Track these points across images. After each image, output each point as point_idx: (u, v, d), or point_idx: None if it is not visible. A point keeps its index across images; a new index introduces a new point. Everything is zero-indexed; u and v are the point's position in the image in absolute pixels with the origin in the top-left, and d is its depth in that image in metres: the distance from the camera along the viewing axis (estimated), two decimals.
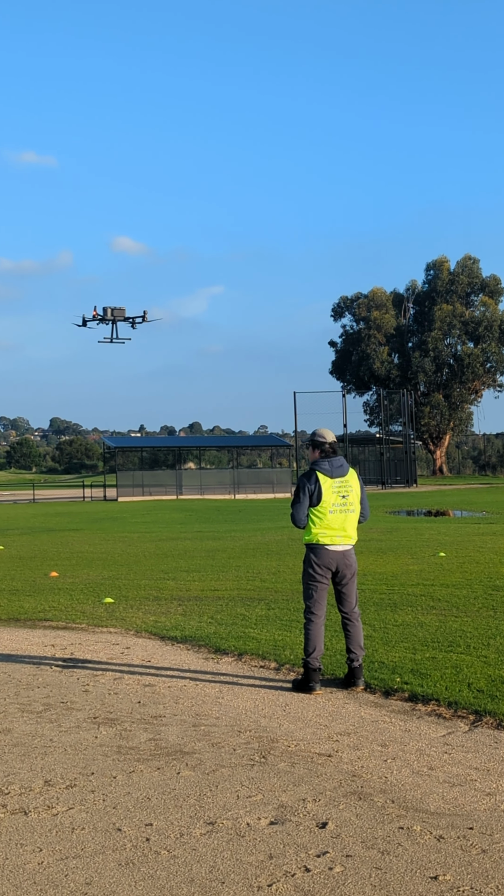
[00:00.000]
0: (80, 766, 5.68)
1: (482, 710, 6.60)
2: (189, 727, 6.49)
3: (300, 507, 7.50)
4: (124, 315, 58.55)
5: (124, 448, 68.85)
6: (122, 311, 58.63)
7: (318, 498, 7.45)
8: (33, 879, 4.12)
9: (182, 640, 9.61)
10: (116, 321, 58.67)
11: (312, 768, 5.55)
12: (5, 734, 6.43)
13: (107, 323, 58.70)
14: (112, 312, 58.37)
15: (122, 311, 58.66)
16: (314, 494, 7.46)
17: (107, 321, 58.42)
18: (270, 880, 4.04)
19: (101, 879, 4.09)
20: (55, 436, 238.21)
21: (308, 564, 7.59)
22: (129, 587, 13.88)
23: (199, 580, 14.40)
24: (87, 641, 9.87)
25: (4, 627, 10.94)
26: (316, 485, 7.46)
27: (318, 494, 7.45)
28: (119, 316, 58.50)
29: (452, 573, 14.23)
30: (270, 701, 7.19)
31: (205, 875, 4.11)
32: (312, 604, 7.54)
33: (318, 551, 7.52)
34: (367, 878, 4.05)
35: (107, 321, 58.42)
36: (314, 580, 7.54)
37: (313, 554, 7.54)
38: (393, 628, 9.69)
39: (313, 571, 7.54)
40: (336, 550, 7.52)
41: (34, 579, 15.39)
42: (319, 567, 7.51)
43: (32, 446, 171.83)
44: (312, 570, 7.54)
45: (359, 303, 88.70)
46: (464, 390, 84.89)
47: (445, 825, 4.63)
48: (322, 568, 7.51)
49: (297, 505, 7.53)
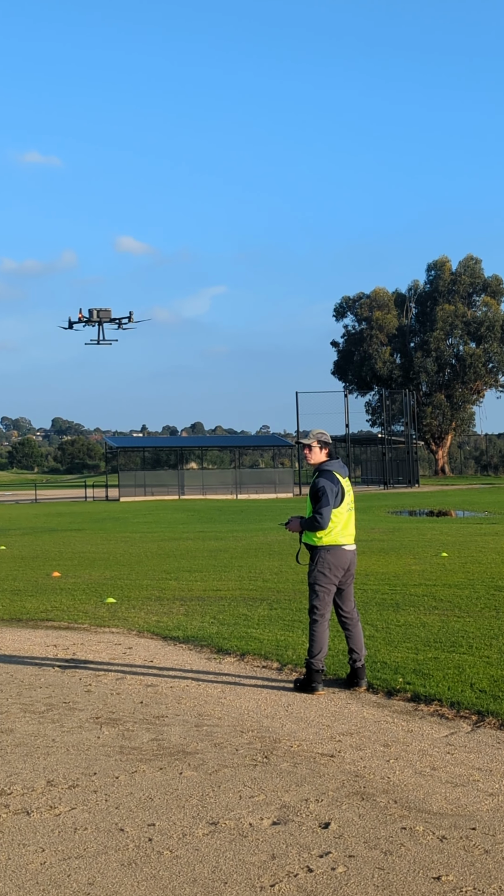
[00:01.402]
0: (82, 766, 5.68)
1: (485, 710, 6.60)
2: (191, 727, 6.49)
3: (330, 510, 7.31)
4: (110, 316, 58.65)
5: (126, 448, 68.87)
6: (107, 313, 58.75)
7: (341, 498, 7.40)
8: (36, 880, 4.12)
9: (184, 641, 9.61)
10: (102, 322, 58.76)
11: (315, 768, 5.55)
12: (8, 734, 6.43)
13: (93, 325, 58.83)
14: (98, 314, 58.48)
15: (108, 312, 58.78)
16: (339, 495, 7.39)
17: (93, 323, 58.57)
18: (273, 880, 4.04)
19: (104, 880, 4.09)
20: (57, 436, 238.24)
21: (324, 566, 7.40)
22: (131, 587, 13.87)
23: (202, 580, 14.40)
24: (89, 641, 9.87)
25: (7, 628, 10.94)
26: (338, 485, 7.42)
27: (342, 495, 7.41)
28: (105, 317, 58.61)
29: (455, 573, 14.22)
30: (273, 701, 7.18)
31: (207, 875, 4.11)
32: (321, 605, 7.44)
33: (336, 552, 7.40)
34: (369, 878, 4.05)
35: (93, 323, 58.57)
36: (329, 582, 7.41)
37: (330, 555, 7.39)
38: (395, 628, 9.69)
39: (329, 573, 7.39)
40: (351, 550, 7.52)
41: (36, 579, 15.39)
42: (336, 568, 7.40)
43: (34, 446, 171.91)
44: (329, 571, 7.39)
45: (361, 303, 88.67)
46: (466, 390, 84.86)
47: (448, 826, 4.63)
48: (338, 569, 7.41)
49: (326, 508, 7.29)
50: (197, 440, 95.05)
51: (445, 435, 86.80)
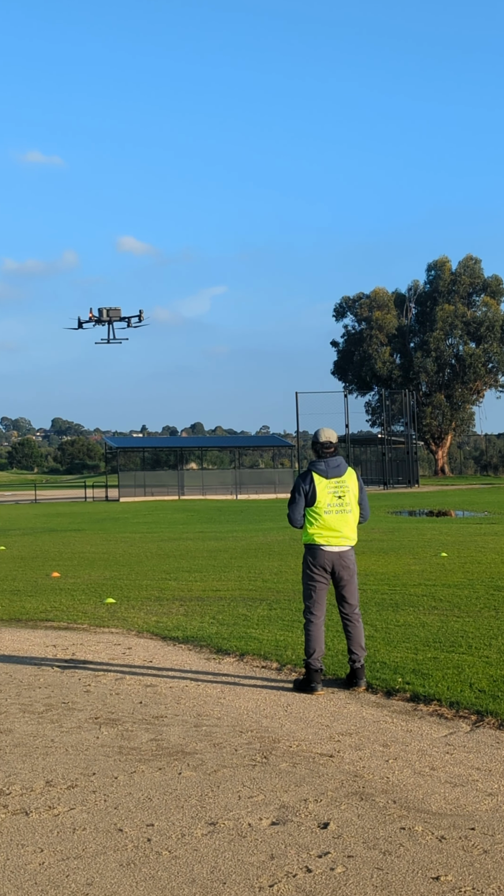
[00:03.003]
0: (81, 766, 5.68)
1: (484, 710, 6.60)
2: (190, 727, 6.49)
3: (296, 508, 7.56)
4: (120, 315, 58.87)
5: (126, 448, 68.87)
6: (117, 312, 58.92)
7: (313, 498, 7.47)
8: (34, 880, 4.11)
9: (184, 641, 9.61)
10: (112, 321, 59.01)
11: (314, 769, 5.55)
12: (7, 734, 6.43)
13: (103, 324, 59.07)
14: (108, 313, 58.69)
15: (118, 311, 58.93)
16: (309, 494, 7.48)
17: (103, 322, 58.79)
18: (272, 881, 4.04)
19: (103, 880, 4.09)
20: (57, 436, 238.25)
21: (306, 565, 7.63)
22: (130, 587, 13.87)
23: (201, 580, 14.40)
24: (88, 642, 9.87)
25: (6, 628, 10.94)
26: (311, 485, 7.49)
27: (313, 495, 7.47)
28: (115, 316, 58.82)
29: (454, 573, 14.22)
30: (272, 701, 7.18)
31: (206, 875, 4.10)
32: (312, 604, 7.57)
33: (314, 552, 7.55)
34: (368, 878, 4.04)
35: (103, 322, 58.79)
36: (312, 580, 7.58)
37: (310, 554, 7.59)
38: (395, 628, 9.69)
39: (311, 572, 7.58)
40: (332, 551, 7.53)
41: (36, 580, 15.39)
42: (316, 567, 7.55)
43: (34, 447, 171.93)
44: (310, 570, 7.59)
45: (361, 303, 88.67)
46: (465, 390, 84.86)
47: (447, 826, 4.63)
48: (318, 568, 7.54)
49: (292, 505, 7.59)
50: (197, 440, 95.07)
51: (445, 435, 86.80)
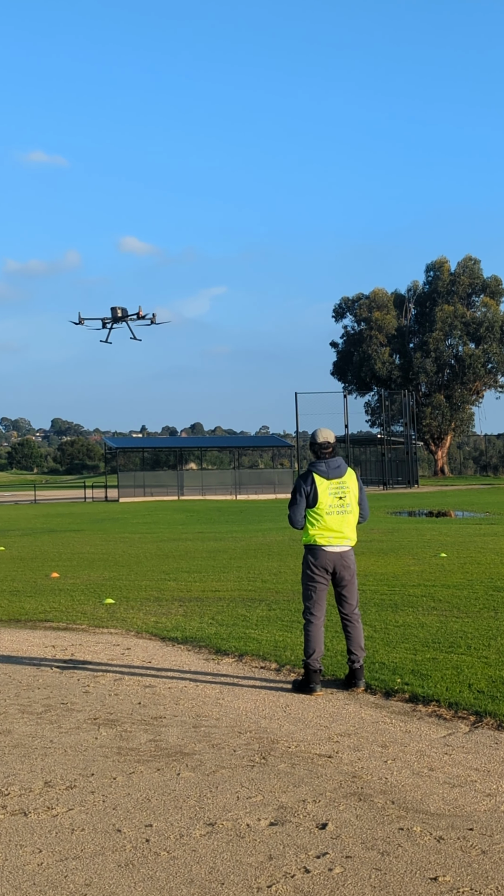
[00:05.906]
0: (80, 767, 5.68)
1: (483, 711, 6.60)
2: (189, 728, 6.49)
3: (297, 509, 7.55)
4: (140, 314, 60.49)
5: (126, 449, 68.86)
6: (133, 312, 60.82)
7: (314, 499, 7.47)
8: (33, 880, 4.11)
9: (183, 641, 9.61)
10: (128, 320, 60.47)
11: (313, 769, 5.55)
12: (5, 735, 6.43)
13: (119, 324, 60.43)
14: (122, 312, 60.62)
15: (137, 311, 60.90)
16: (310, 496, 7.48)
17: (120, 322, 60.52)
18: (270, 881, 4.04)
19: (101, 880, 4.09)
20: (56, 436, 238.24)
21: (306, 565, 7.62)
22: (129, 588, 13.87)
23: (200, 581, 14.40)
24: (87, 642, 9.87)
25: (5, 628, 10.94)
26: (312, 486, 7.48)
27: (315, 496, 7.47)
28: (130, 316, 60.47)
29: (454, 574, 14.22)
30: (271, 702, 7.18)
31: (204, 876, 4.11)
32: (312, 605, 7.57)
33: (315, 552, 7.55)
34: (366, 879, 4.05)
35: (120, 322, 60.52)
36: (313, 581, 7.58)
37: (311, 555, 7.58)
38: (394, 629, 9.69)
39: (311, 572, 7.57)
40: (333, 551, 7.53)
41: (35, 580, 15.39)
42: (317, 568, 7.54)
43: (34, 447, 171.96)
44: (310, 570, 7.58)
45: (360, 303, 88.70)
46: (465, 391, 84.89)
47: (445, 826, 4.63)
48: (319, 569, 7.54)
49: (293, 507, 7.58)
50: (196, 441, 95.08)
51: (445, 435, 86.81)
